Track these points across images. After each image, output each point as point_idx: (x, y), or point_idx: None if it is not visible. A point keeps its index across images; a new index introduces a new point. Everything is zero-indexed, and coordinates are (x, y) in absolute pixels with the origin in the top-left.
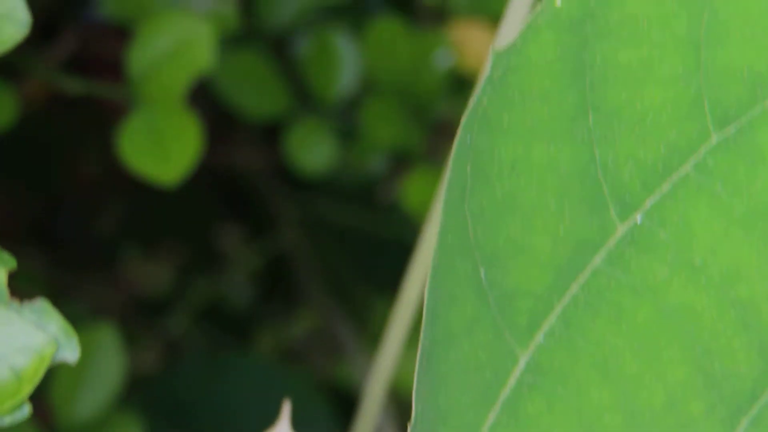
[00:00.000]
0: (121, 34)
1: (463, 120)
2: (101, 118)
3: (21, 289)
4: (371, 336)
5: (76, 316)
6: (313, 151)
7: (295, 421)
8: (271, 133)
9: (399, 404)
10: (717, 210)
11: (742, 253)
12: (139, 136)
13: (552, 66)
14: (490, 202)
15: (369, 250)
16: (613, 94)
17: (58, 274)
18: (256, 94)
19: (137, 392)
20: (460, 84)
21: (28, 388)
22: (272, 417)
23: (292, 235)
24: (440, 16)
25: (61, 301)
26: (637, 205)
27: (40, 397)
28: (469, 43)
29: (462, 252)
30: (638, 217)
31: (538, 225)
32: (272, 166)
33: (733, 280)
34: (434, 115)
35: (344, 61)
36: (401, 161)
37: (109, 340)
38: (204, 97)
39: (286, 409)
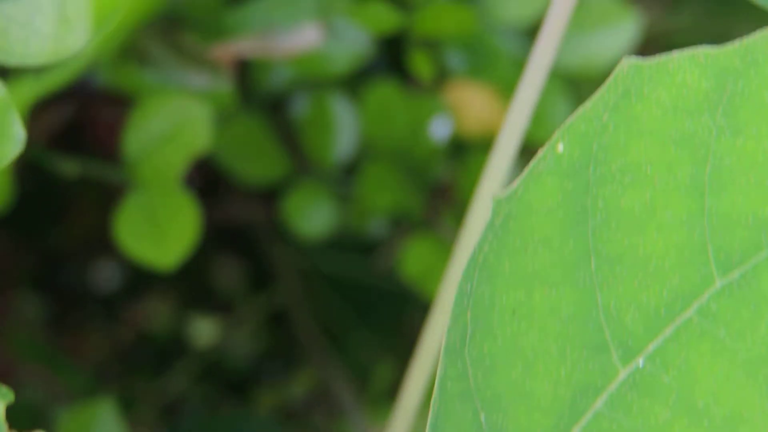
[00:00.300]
0: (117, 102)
1: (464, 268)
2: None
3: (21, 355)
4: (372, 395)
5: (77, 386)
6: (311, 215)
7: None
8: (271, 187)
9: None
10: (720, 354)
11: (744, 396)
12: (135, 218)
13: (554, 212)
14: (491, 348)
15: (369, 300)
16: (616, 240)
17: (58, 331)
18: (254, 160)
19: None
20: (459, 147)
21: None
22: None
23: (291, 289)
24: (438, 79)
25: (62, 369)
26: (639, 349)
27: None
28: (468, 106)
29: (462, 397)
30: (640, 361)
31: (540, 369)
32: (272, 220)
33: (736, 423)
34: (433, 178)
35: (341, 126)
36: (400, 224)
37: (108, 415)
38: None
39: None
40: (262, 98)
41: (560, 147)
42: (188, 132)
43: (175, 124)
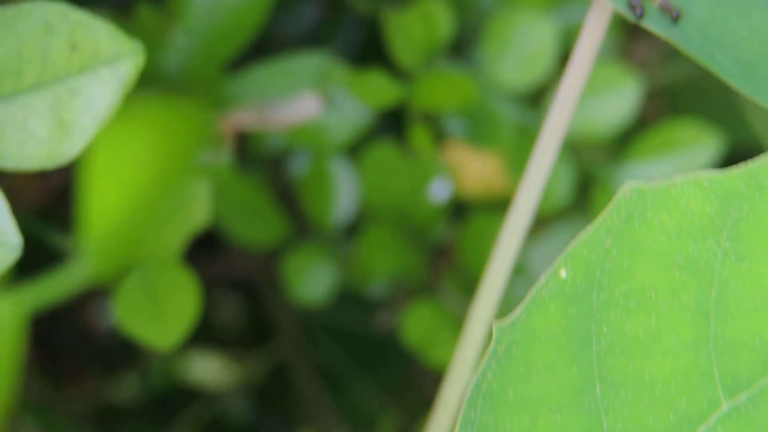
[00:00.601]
0: None
1: (466, 396)
2: None
3: (15, 409)
4: None
5: None
6: (311, 278)
7: None
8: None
9: None
10: None
11: None
12: (135, 297)
13: (557, 337)
14: None
15: (372, 353)
16: (621, 365)
17: (53, 382)
18: (251, 223)
19: None
20: (460, 208)
21: None
22: None
23: (292, 341)
24: (437, 140)
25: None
26: None
27: None
28: (468, 167)
29: None
30: None
31: None
32: (272, 274)
33: None
34: (434, 239)
35: (340, 188)
36: (401, 284)
37: None
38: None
39: None
40: (261, 157)
41: (563, 273)
42: (188, 209)
43: (174, 200)
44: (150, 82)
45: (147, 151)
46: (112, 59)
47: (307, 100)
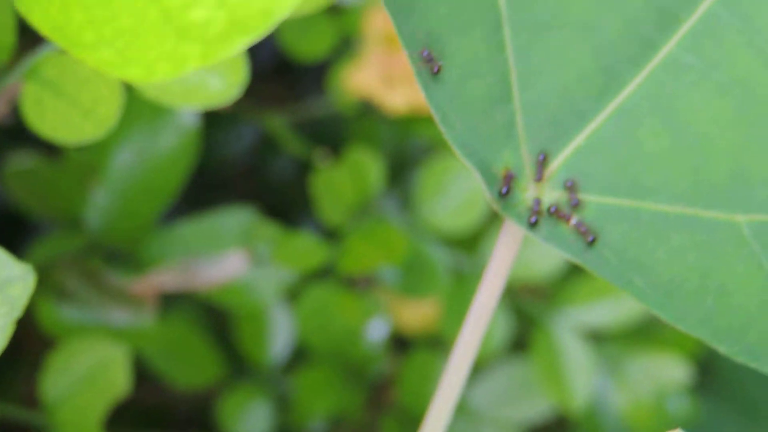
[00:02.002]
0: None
1: None
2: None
3: None
4: None
5: None
6: (247, 418)
7: None
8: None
9: None
10: None
11: None
12: None
13: None
14: None
15: None
16: None
17: None
18: (187, 364)
19: None
20: (400, 343)
21: None
22: None
23: None
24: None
25: None
26: None
27: None
28: (406, 303)
29: None
30: None
31: None
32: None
33: None
34: (373, 377)
35: (276, 327)
36: (340, 423)
37: None
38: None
39: None
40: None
41: None
42: (108, 374)
43: (94, 366)
44: (74, 237)
45: None
46: (3, 284)
47: (233, 259)
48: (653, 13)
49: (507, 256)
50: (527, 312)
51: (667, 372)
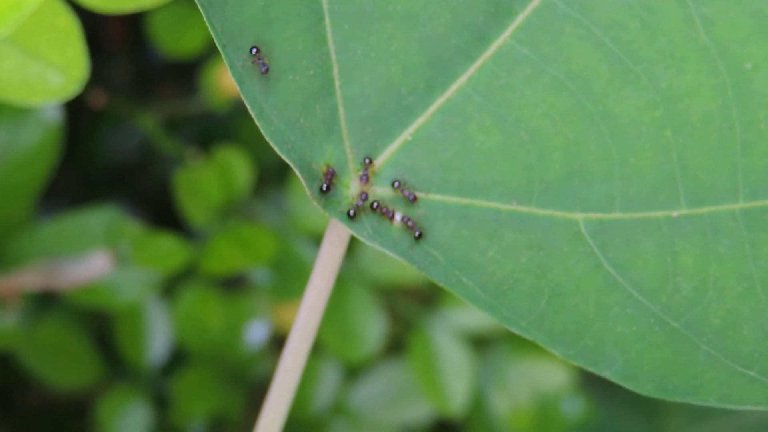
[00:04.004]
0: None
1: None
2: None
3: None
4: None
5: None
6: (126, 419)
7: None
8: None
9: None
10: None
11: None
12: None
13: None
14: None
15: None
16: None
17: None
18: (63, 364)
19: None
20: (281, 345)
21: None
22: None
23: None
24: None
25: None
26: None
27: None
28: (286, 306)
29: None
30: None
31: None
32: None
33: None
34: (253, 379)
35: (153, 327)
36: (220, 424)
37: None
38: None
39: None
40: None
41: None
42: None
43: None
44: None
45: None
46: None
47: (96, 259)
48: (485, 4)
49: (333, 255)
50: (405, 315)
51: (547, 376)
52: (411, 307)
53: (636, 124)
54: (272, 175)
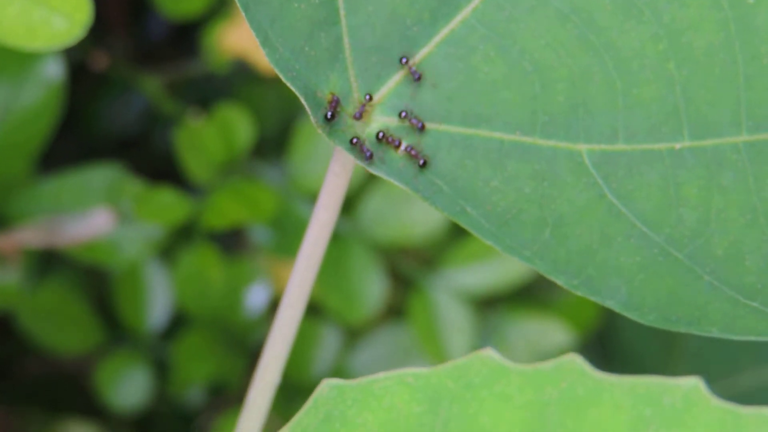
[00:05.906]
0: None
1: None
2: None
3: None
4: None
5: None
6: (125, 385)
7: None
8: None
9: None
10: None
11: None
12: None
13: None
14: None
15: None
16: None
17: None
18: (64, 329)
19: None
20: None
21: None
22: None
23: None
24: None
25: None
26: None
27: None
28: (286, 268)
29: None
30: None
31: None
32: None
33: None
34: (253, 343)
35: (154, 291)
36: (221, 392)
37: None
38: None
39: None
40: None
41: None
42: None
43: None
44: None
45: None
46: None
47: (98, 216)
48: None
49: (337, 185)
50: (405, 275)
51: (547, 337)
52: (411, 267)
53: (639, 57)
54: (272, 143)
